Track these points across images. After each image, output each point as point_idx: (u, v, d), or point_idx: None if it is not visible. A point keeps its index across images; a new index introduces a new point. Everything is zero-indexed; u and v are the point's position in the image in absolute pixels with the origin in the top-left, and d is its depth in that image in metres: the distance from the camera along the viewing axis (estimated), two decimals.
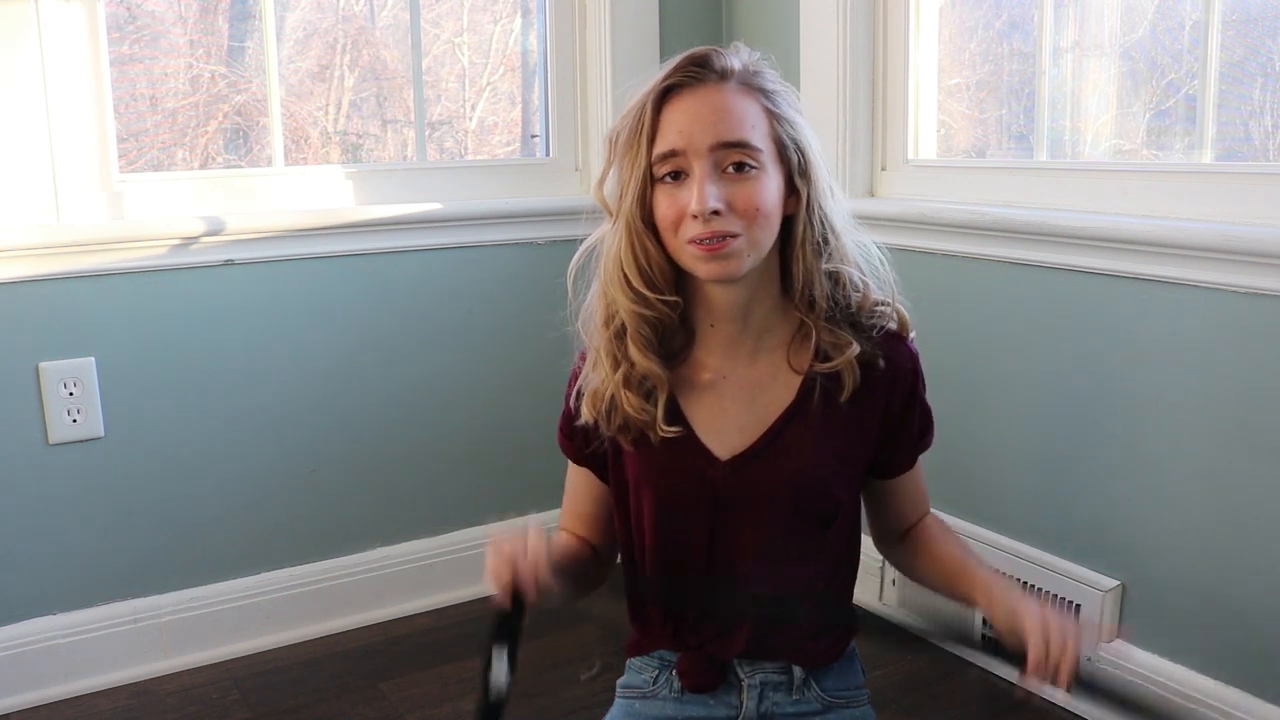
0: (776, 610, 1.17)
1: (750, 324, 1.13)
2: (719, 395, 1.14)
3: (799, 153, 1.10)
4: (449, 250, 2.24)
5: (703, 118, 1.05)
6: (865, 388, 1.13)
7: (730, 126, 1.05)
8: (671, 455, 1.13)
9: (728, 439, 1.13)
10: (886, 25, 2.12)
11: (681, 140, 1.05)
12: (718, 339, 1.14)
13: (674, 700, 1.22)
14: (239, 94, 2.17)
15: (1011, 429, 1.94)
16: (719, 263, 1.05)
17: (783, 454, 1.13)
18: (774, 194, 1.07)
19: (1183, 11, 1.78)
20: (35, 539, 1.93)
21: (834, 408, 1.13)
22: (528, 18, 2.43)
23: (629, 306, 1.10)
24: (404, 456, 2.26)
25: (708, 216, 1.03)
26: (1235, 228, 1.55)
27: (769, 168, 1.07)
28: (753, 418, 1.13)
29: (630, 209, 1.08)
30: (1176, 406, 1.67)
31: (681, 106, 1.06)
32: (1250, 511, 1.60)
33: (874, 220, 2.10)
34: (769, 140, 1.08)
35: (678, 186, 1.06)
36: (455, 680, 2.01)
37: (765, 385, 1.14)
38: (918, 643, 1.23)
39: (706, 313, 1.13)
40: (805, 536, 1.16)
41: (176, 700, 1.96)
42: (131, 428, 1.98)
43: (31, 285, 1.87)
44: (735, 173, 1.05)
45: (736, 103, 1.06)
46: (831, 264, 1.11)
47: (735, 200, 1.05)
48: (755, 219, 1.05)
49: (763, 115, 1.08)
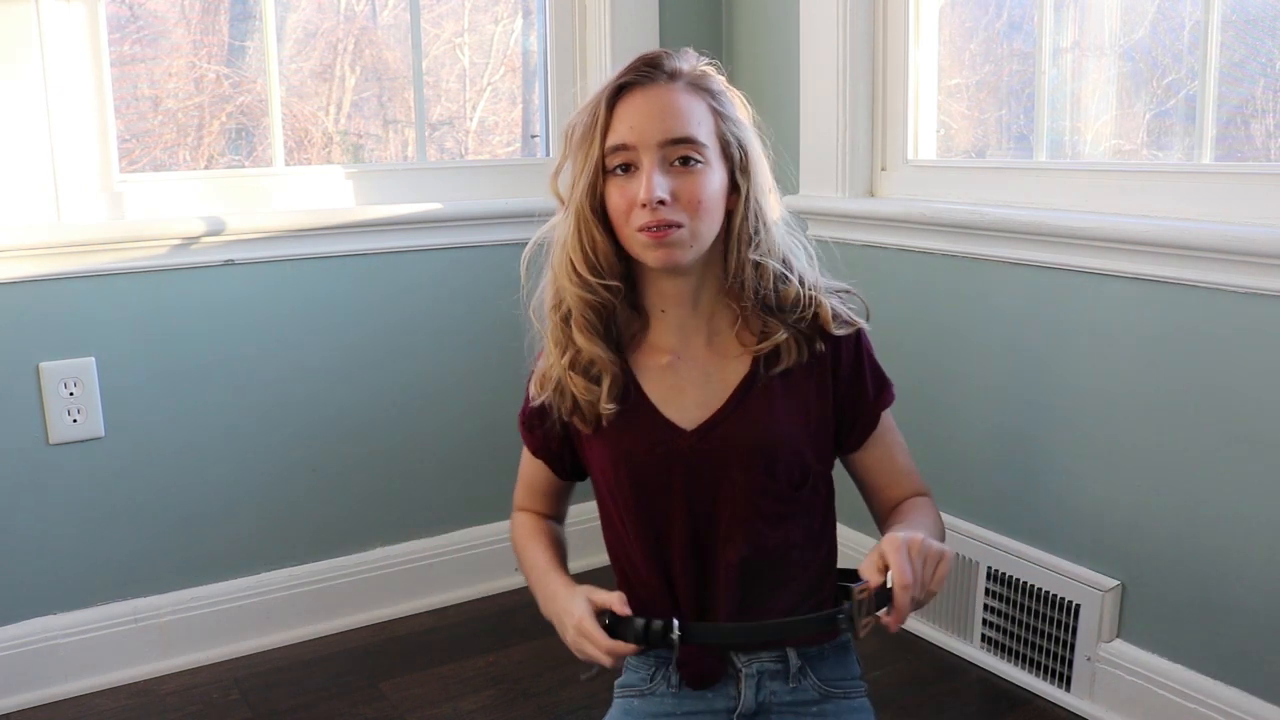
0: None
1: (700, 309, 1.20)
2: (676, 375, 1.21)
3: (741, 150, 1.17)
4: (449, 250, 2.24)
5: (653, 114, 1.13)
6: (813, 358, 1.20)
7: (678, 123, 1.13)
8: (639, 432, 1.20)
9: (689, 413, 1.19)
10: (886, 25, 2.12)
11: (632, 135, 1.12)
12: (670, 324, 1.21)
13: (672, 696, 1.24)
14: (241, 94, 2.17)
15: (1010, 428, 1.94)
16: (664, 250, 1.12)
17: (746, 417, 1.19)
18: (716, 188, 1.15)
19: (1183, 12, 1.78)
20: (35, 539, 1.93)
21: (788, 377, 1.19)
22: (528, 18, 2.44)
23: (575, 292, 1.18)
24: (404, 456, 2.26)
25: (655, 206, 1.10)
26: (1235, 228, 1.55)
27: (713, 163, 1.14)
28: (710, 393, 1.20)
29: (580, 199, 1.16)
30: (1176, 406, 1.67)
31: (633, 104, 1.14)
32: (1251, 511, 1.60)
33: (874, 220, 2.10)
34: (714, 138, 1.15)
35: (628, 179, 1.13)
36: (455, 680, 2.01)
37: (719, 364, 1.21)
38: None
39: (659, 298, 1.20)
40: (778, 497, 1.20)
41: (176, 700, 1.96)
42: (131, 427, 1.99)
43: (32, 285, 1.87)
44: (681, 166, 1.12)
45: (685, 102, 1.14)
46: (757, 255, 1.17)
47: (680, 192, 1.12)
48: (698, 210, 1.13)
49: (709, 114, 1.15)
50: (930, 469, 1.31)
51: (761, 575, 1.20)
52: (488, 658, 2.09)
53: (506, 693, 1.97)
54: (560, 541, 1.34)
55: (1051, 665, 1.89)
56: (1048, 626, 1.89)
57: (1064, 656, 1.87)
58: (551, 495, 1.36)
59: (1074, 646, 1.85)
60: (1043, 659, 1.91)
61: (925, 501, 1.27)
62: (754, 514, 1.19)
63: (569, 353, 1.20)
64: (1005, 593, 1.96)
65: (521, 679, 2.02)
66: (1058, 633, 1.88)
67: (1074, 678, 1.86)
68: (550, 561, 1.27)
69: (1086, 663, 1.84)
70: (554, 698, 1.94)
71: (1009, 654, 1.97)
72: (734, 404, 1.19)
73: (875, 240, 2.12)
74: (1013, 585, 1.95)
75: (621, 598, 1.12)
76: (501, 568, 2.38)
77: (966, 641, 2.05)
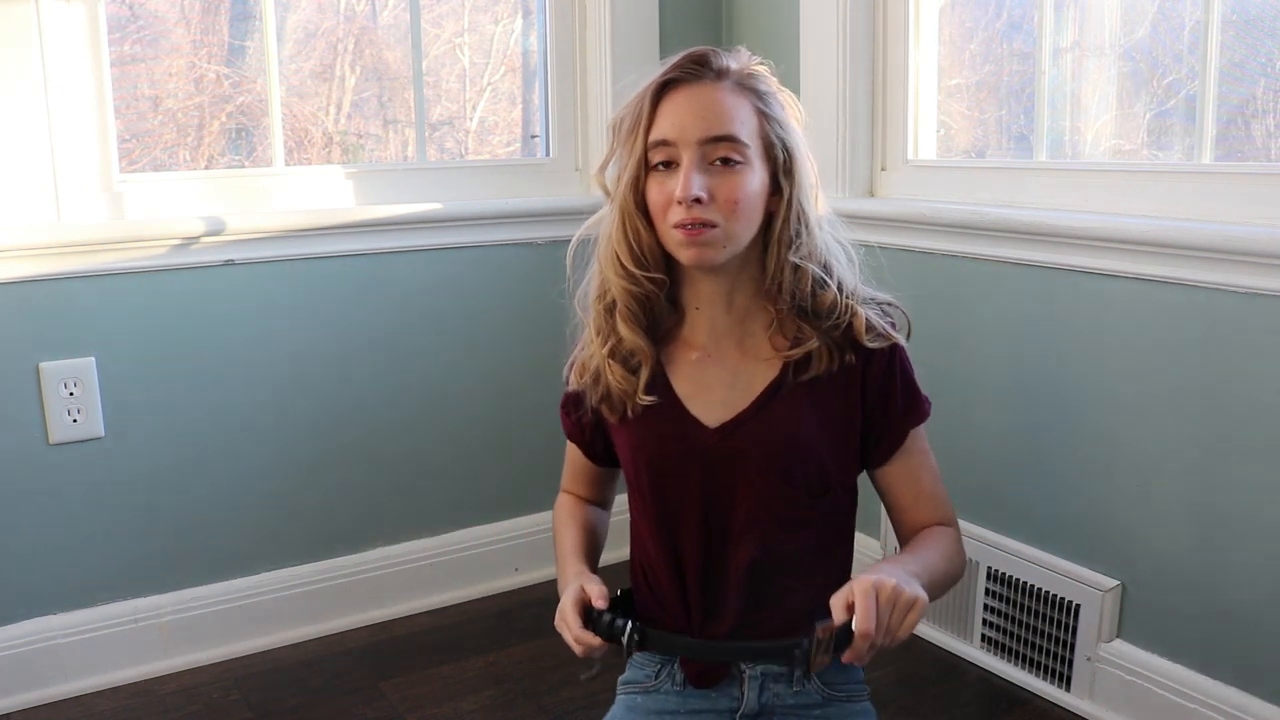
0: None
1: (734, 310, 1.20)
2: (705, 373, 1.21)
3: (785, 153, 1.15)
4: (449, 250, 2.24)
5: (695, 112, 1.12)
6: (843, 368, 1.18)
7: (719, 122, 1.12)
8: (662, 425, 1.20)
9: (713, 411, 1.19)
10: (886, 26, 2.12)
11: (674, 131, 1.12)
12: (703, 321, 1.21)
13: (676, 694, 1.24)
14: (241, 94, 2.17)
15: (1010, 428, 1.94)
16: (697, 249, 1.12)
17: (769, 421, 1.18)
18: (755, 189, 1.14)
19: (1183, 12, 1.78)
20: (35, 539, 1.93)
21: (818, 384, 1.18)
22: (528, 18, 2.44)
23: (619, 284, 1.18)
24: (404, 456, 2.26)
25: (690, 204, 1.10)
26: (1235, 228, 1.55)
27: (754, 164, 1.14)
28: (737, 393, 1.20)
29: (625, 193, 1.16)
30: (1177, 406, 1.67)
31: (677, 100, 1.13)
32: (1249, 511, 1.60)
33: (874, 220, 2.10)
34: (757, 138, 1.14)
35: (668, 175, 1.13)
36: (455, 680, 2.01)
37: (749, 365, 1.20)
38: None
39: (694, 295, 1.20)
40: (795, 504, 1.19)
41: (177, 700, 1.96)
42: (131, 428, 1.99)
43: (32, 285, 1.87)
44: (721, 165, 1.12)
45: (728, 100, 1.13)
46: (796, 258, 1.16)
47: (718, 192, 1.12)
48: (734, 211, 1.12)
49: (753, 114, 1.14)
50: None
51: (772, 579, 1.20)
52: (488, 658, 2.09)
53: (506, 693, 1.97)
54: (591, 527, 1.34)
55: (1051, 665, 1.89)
56: (1048, 626, 1.89)
57: (1064, 656, 1.87)
58: (590, 480, 1.37)
59: (1074, 646, 1.85)
60: (1043, 659, 1.91)
61: (945, 533, 1.23)
62: (769, 518, 1.18)
63: (610, 341, 1.20)
64: (1005, 593, 1.96)
65: (521, 679, 2.02)
66: (1058, 633, 1.88)
67: (1074, 678, 1.86)
68: (573, 546, 1.29)
69: (1086, 663, 1.84)
70: (554, 698, 1.94)
71: (1009, 654, 1.97)
72: (758, 407, 1.18)
73: (875, 240, 2.11)
74: (1013, 585, 1.95)
75: (601, 592, 1.14)
76: (501, 568, 2.38)
77: (966, 641, 2.05)
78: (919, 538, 1.23)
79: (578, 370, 1.26)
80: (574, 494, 1.39)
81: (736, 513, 1.19)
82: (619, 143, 1.18)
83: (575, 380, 1.26)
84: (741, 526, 1.19)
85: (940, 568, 1.18)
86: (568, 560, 1.27)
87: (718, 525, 1.20)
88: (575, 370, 1.26)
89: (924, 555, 1.18)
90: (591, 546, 1.31)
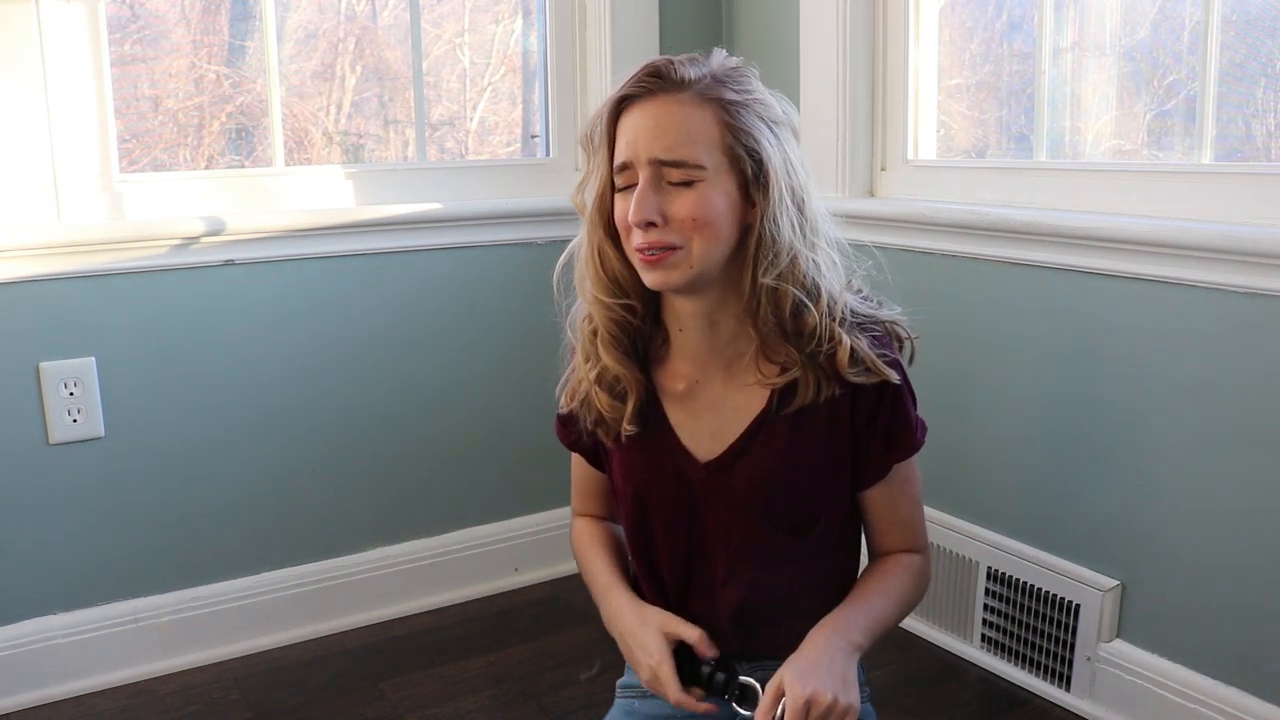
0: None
1: (719, 332, 1.14)
2: (694, 401, 1.16)
3: (755, 164, 1.07)
4: (449, 250, 2.24)
5: (647, 131, 1.06)
6: (831, 400, 1.13)
7: (669, 142, 1.05)
8: (654, 455, 1.17)
9: (703, 444, 1.16)
10: (886, 26, 2.12)
11: (629, 152, 1.07)
12: (688, 344, 1.16)
13: None
14: (242, 94, 2.17)
15: (1010, 428, 1.94)
16: (660, 272, 1.07)
17: (753, 461, 1.14)
18: (720, 206, 1.07)
19: (1183, 12, 1.78)
20: (35, 539, 1.93)
21: (805, 414, 1.13)
22: (528, 18, 2.44)
23: (595, 309, 1.14)
24: (404, 456, 2.26)
25: (644, 227, 1.05)
26: (1235, 228, 1.55)
27: (716, 180, 1.06)
28: (724, 425, 1.15)
29: (593, 216, 1.12)
30: (1176, 406, 1.67)
31: (633, 118, 1.07)
32: (1250, 511, 1.60)
33: (873, 220, 2.10)
34: (718, 152, 1.06)
35: (630, 196, 1.07)
36: (455, 680, 2.01)
37: (737, 393, 1.15)
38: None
39: (675, 318, 1.16)
40: (779, 542, 1.16)
41: (176, 700, 1.96)
42: (131, 428, 1.99)
43: (31, 285, 1.87)
44: (680, 184, 1.06)
45: (685, 115, 1.06)
46: (770, 278, 1.08)
47: (675, 212, 1.06)
48: (695, 231, 1.06)
49: (715, 125, 1.06)
50: (929, 468, 1.31)
51: (764, 615, 1.19)
52: (488, 658, 2.09)
53: (506, 693, 1.97)
54: (619, 547, 1.29)
55: (1051, 665, 1.89)
56: (1047, 626, 1.89)
57: (1064, 656, 1.87)
58: (602, 493, 1.31)
59: (1074, 646, 1.85)
60: (1042, 659, 1.91)
61: (907, 569, 1.21)
62: (752, 556, 1.16)
63: (596, 367, 1.16)
64: (1005, 592, 1.96)
65: (521, 679, 2.01)
66: (1057, 633, 1.88)
67: (1074, 678, 1.86)
68: (611, 575, 1.24)
69: (1086, 663, 1.84)
70: (554, 698, 1.94)
71: (1009, 654, 1.97)
72: (743, 443, 1.14)
73: (875, 240, 2.11)
74: (1012, 585, 1.95)
75: (702, 636, 1.11)
76: (501, 568, 2.38)
77: (966, 641, 2.05)
78: (881, 572, 1.21)
79: (568, 394, 1.22)
80: (589, 515, 1.34)
81: (718, 551, 1.17)
82: (589, 161, 1.13)
83: (566, 403, 1.22)
84: (727, 567, 1.17)
85: (891, 616, 1.17)
86: (611, 592, 1.22)
87: (699, 563, 1.18)
88: (566, 394, 1.22)
89: (875, 604, 1.16)
90: (625, 569, 1.26)
